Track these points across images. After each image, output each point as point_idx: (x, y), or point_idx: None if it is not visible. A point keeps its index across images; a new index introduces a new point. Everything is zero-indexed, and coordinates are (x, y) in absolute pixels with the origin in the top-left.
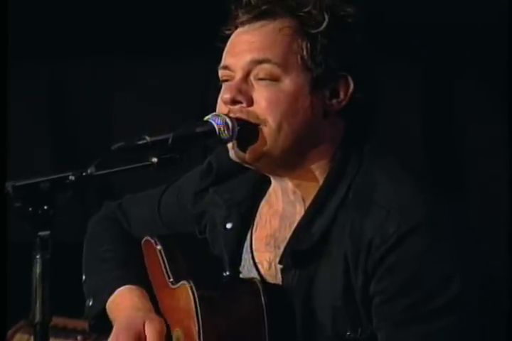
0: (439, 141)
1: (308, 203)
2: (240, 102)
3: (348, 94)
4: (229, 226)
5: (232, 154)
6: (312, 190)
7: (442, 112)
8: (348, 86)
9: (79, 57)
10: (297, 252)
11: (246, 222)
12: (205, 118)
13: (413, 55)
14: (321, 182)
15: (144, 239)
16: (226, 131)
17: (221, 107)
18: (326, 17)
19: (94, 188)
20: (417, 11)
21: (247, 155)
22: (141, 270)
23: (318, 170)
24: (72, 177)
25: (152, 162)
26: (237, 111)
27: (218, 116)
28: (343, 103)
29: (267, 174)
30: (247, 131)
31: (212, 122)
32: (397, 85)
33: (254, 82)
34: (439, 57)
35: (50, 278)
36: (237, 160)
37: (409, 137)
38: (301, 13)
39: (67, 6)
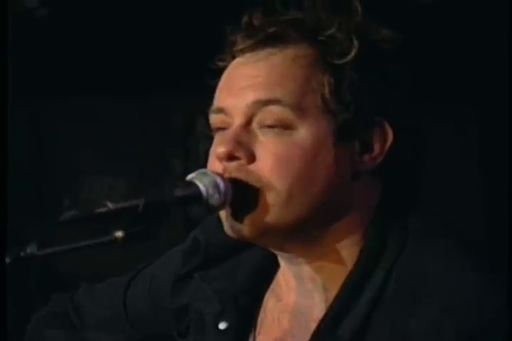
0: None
1: (331, 294)
2: (239, 158)
3: (386, 146)
4: (222, 326)
5: (227, 227)
6: (338, 277)
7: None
8: (385, 136)
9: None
10: None
11: (246, 320)
12: (188, 177)
13: (469, 97)
14: (349, 265)
15: None
16: (216, 195)
17: (213, 164)
18: (355, 43)
19: (35, 273)
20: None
21: (244, 229)
22: None
23: (346, 250)
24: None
25: (116, 237)
26: (234, 169)
27: (205, 174)
28: (379, 159)
29: (274, 252)
30: (244, 196)
31: (198, 183)
32: (451, 135)
33: (258, 130)
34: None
35: None
36: (233, 235)
37: (466, 204)
38: (322, 38)
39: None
